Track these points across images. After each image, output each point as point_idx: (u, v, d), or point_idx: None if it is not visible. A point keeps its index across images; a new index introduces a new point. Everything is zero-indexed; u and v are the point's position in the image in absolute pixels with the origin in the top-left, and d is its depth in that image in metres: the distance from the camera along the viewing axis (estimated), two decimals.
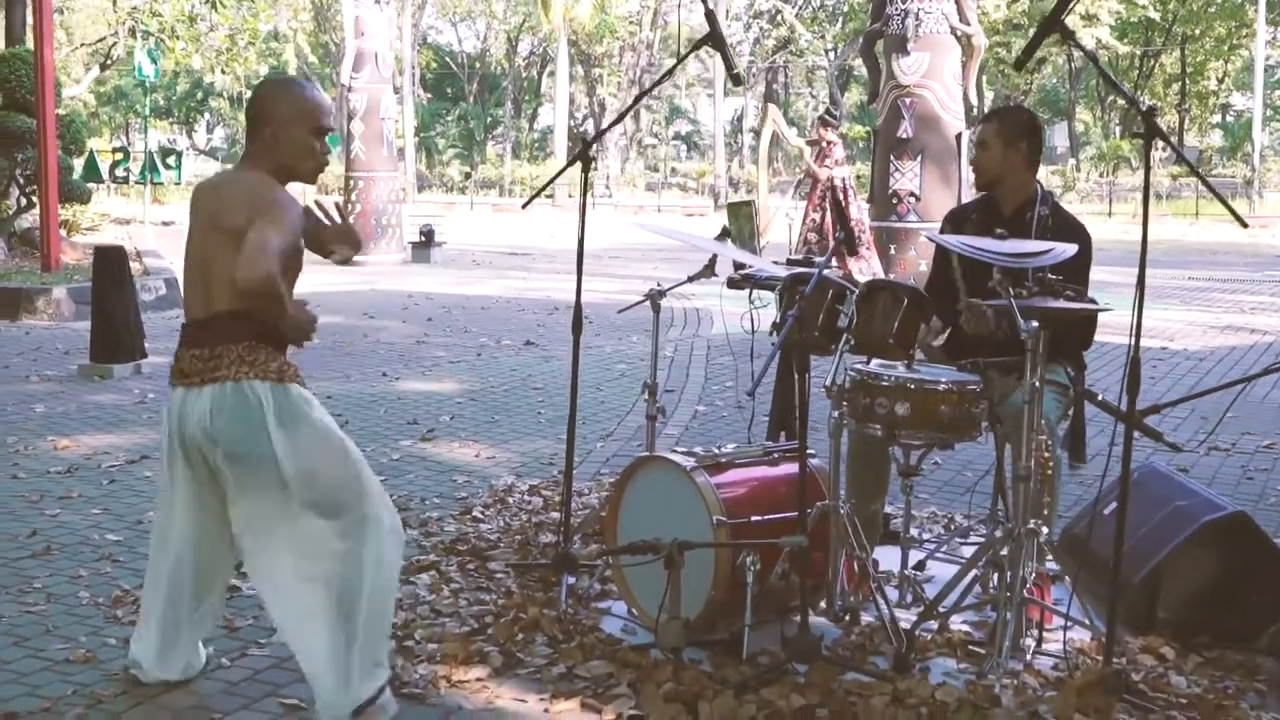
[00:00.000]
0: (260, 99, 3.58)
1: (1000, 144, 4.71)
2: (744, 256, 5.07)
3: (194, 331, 3.50)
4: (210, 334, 3.44)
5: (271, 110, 3.54)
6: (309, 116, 3.58)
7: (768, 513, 4.18)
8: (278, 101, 3.57)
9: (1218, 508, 4.43)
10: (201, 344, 3.45)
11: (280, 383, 3.45)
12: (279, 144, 3.53)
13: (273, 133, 3.53)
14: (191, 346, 3.48)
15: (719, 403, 8.50)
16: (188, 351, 3.48)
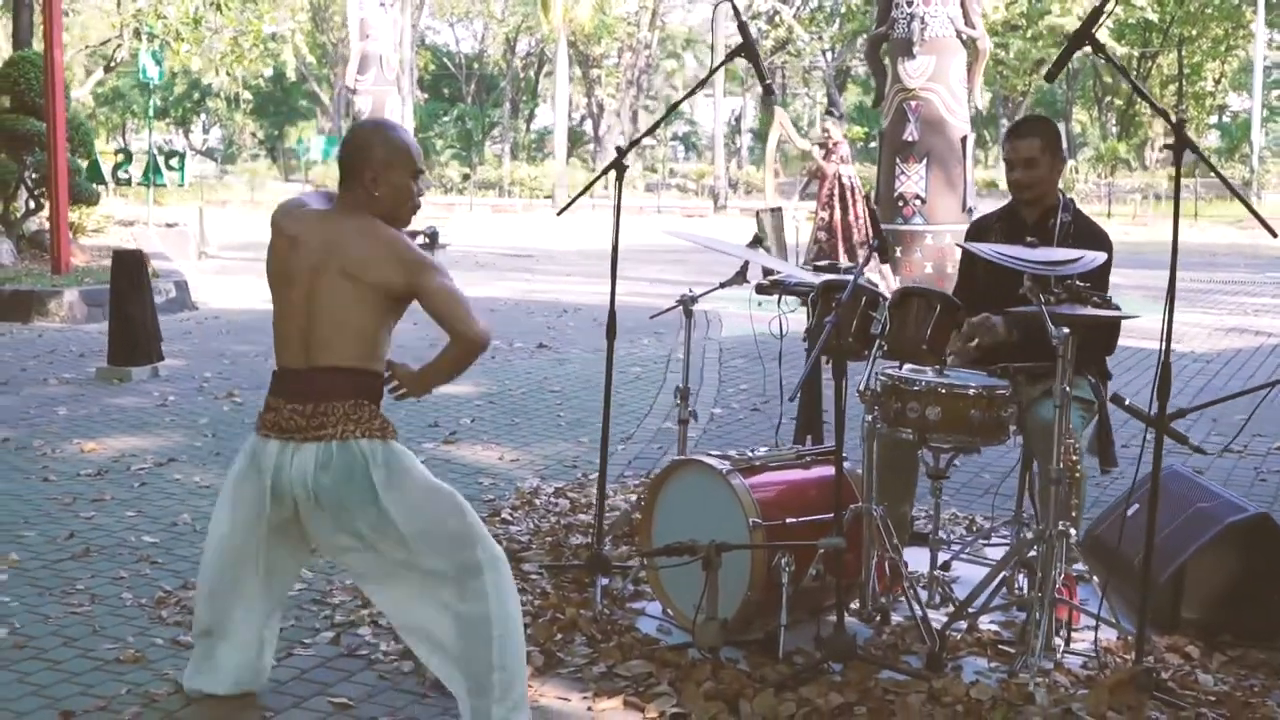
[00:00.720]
0: (357, 144, 3.54)
1: (1048, 159, 4.76)
2: (774, 263, 5.15)
3: (293, 384, 3.45)
4: (314, 389, 3.41)
5: (370, 155, 3.50)
6: (407, 160, 3.53)
7: (801, 515, 4.27)
8: (375, 146, 3.52)
9: (1240, 509, 4.52)
10: (304, 399, 3.40)
11: (384, 440, 3.42)
12: (379, 188, 3.49)
13: (373, 177, 3.47)
14: (292, 400, 3.43)
15: (735, 405, 8.58)
16: (287, 405, 3.43)
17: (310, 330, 3.42)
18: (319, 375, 3.41)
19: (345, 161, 3.53)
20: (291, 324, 3.45)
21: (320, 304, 3.40)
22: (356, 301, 3.37)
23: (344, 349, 3.40)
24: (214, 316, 13.14)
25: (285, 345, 3.48)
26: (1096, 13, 3.79)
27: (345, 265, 3.39)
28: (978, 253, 4.31)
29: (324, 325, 3.40)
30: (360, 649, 4.19)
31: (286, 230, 3.51)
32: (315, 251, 3.43)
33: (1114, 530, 4.80)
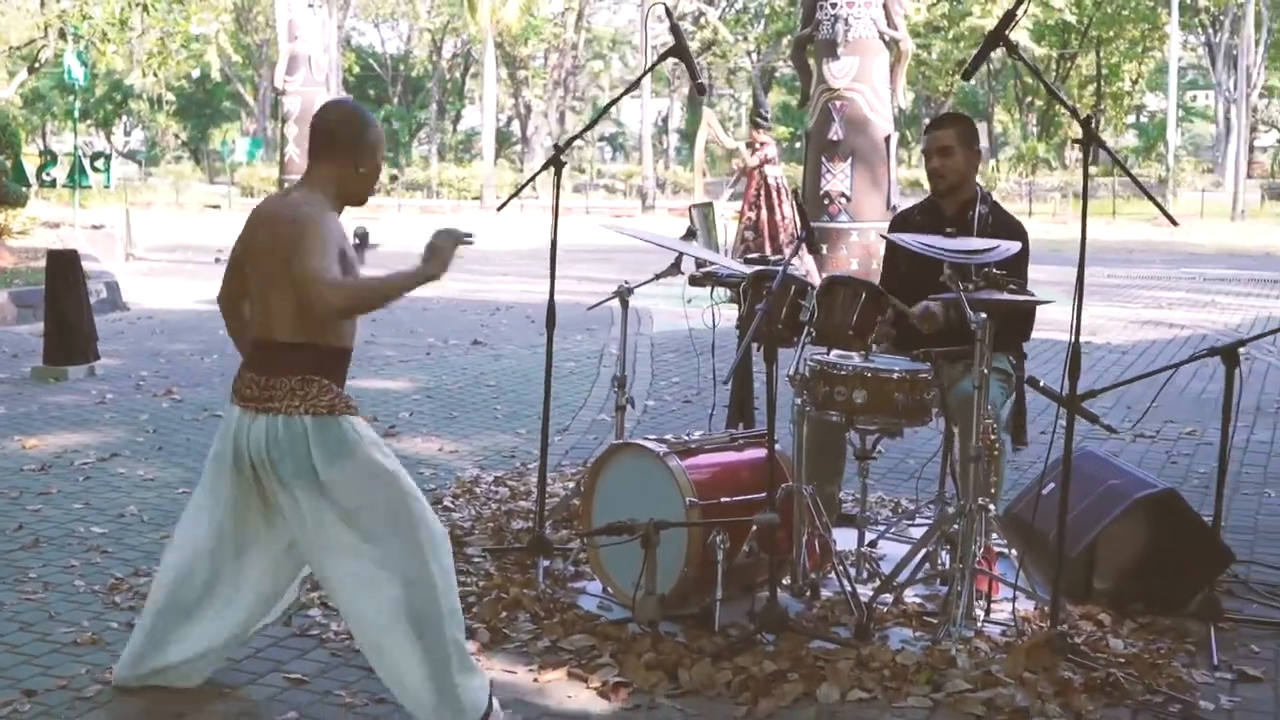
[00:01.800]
0: (344, 120, 3.63)
1: (963, 149, 5.02)
2: (708, 255, 5.36)
3: (254, 353, 3.61)
4: (267, 362, 3.54)
5: (359, 136, 3.61)
6: (383, 145, 3.71)
7: (735, 494, 4.47)
8: (367, 127, 3.65)
9: (1149, 485, 4.78)
10: (260, 369, 3.54)
11: (331, 415, 3.51)
12: (364, 166, 3.62)
13: (359, 156, 3.61)
14: (250, 368, 3.58)
15: (667, 397, 8.79)
16: (246, 372, 3.59)
17: (267, 306, 3.55)
18: (271, 349, 3.54)
19: (321, 139, 3.61)
20: (258, 296, 3.60)
21: (265, 282, 3.55)
22: (283, 278, 3.46)
23: (285, 325, 3.51)
24: (146, 317, 13.15)
25: (256, 317, 3.62)
26: (1009, 15, 4.03)
27: (271, 242, 3.52)
28: (900, 243, 4.54)
29: (271, 303, 3.53)
30: (311, 629, 4.34)
31: (255, 211, 3.69)
32: (261, 232, 3.59)
33: (1030, 508, 5.04)
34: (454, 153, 62.36)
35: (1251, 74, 42.42)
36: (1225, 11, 43.67)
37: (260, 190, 47.27)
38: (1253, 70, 42.61)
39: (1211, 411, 8.33)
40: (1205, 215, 35.91)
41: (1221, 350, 4.40)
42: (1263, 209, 39.30)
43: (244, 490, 3.65)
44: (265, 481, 3.57)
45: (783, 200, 14.76)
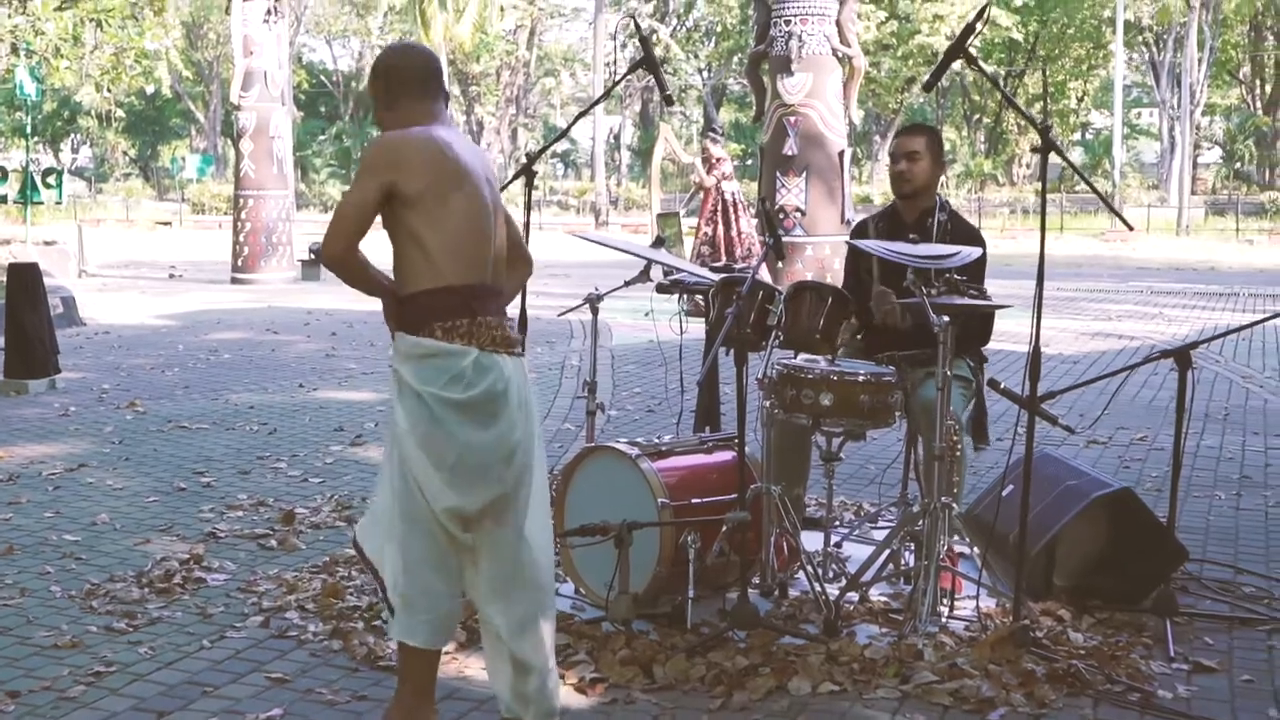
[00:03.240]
0: (433, 59, 3.61)
1: (930, 157, 5.15)
2: (676, 262, 5.47)
3: (493, 300, 3.47)
4: (501, 303, 3.52)
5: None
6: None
7: (706, 495, 4.58)
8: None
9: (1105, 485, 4.91)
10: (501, 314, 3.49)
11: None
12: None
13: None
14: (500, 315, 3.46)
15: (630, 407, 8.89)
16: (502, 320, 3.46)
17: (497, 250, 3.52)
18: (499, 293, 3.52)
19: (436, 78, 3.54)
20: (485, 243, 3.46)
21: (496, 222, 3.53)
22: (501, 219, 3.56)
23: (502, 269, 3.58)
24: (104, 331, 13.11)
25: (483, 263, 3.45)
26: (970, 28, 4.16)
27: (491, 182, 3.55)
28: (865, 249, 4.66)
29: (498, 247, 3.52)
30: (290, 630, 4.40)
31: (451, 156, 3.39)
32: (479, 171, 3.48)
33: (991, 509, 5.17)
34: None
35: (1195, 92, 43.09)
36: (1168, 30, 44.35)
37: (211, 208, 47.03)
38: (1196, 88, 43.29)
39: (1163, 417, 8.54)
40: (1151, 230, 36.41)
41: (1174, 352, 4.54)
42: (1206, 224, 39.87)
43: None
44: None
45: (739, 215, 14.94)
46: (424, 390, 3.33)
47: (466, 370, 3.34)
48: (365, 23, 58.75)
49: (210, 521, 5.79)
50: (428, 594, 3.40)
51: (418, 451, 3.35)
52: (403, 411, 3.37)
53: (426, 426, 3.33)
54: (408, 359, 3.38)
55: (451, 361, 3.33)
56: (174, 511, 5.97)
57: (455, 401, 3.33)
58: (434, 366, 3.34)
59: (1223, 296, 18.45)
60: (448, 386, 3.33)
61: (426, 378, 3.34)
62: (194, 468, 6.85)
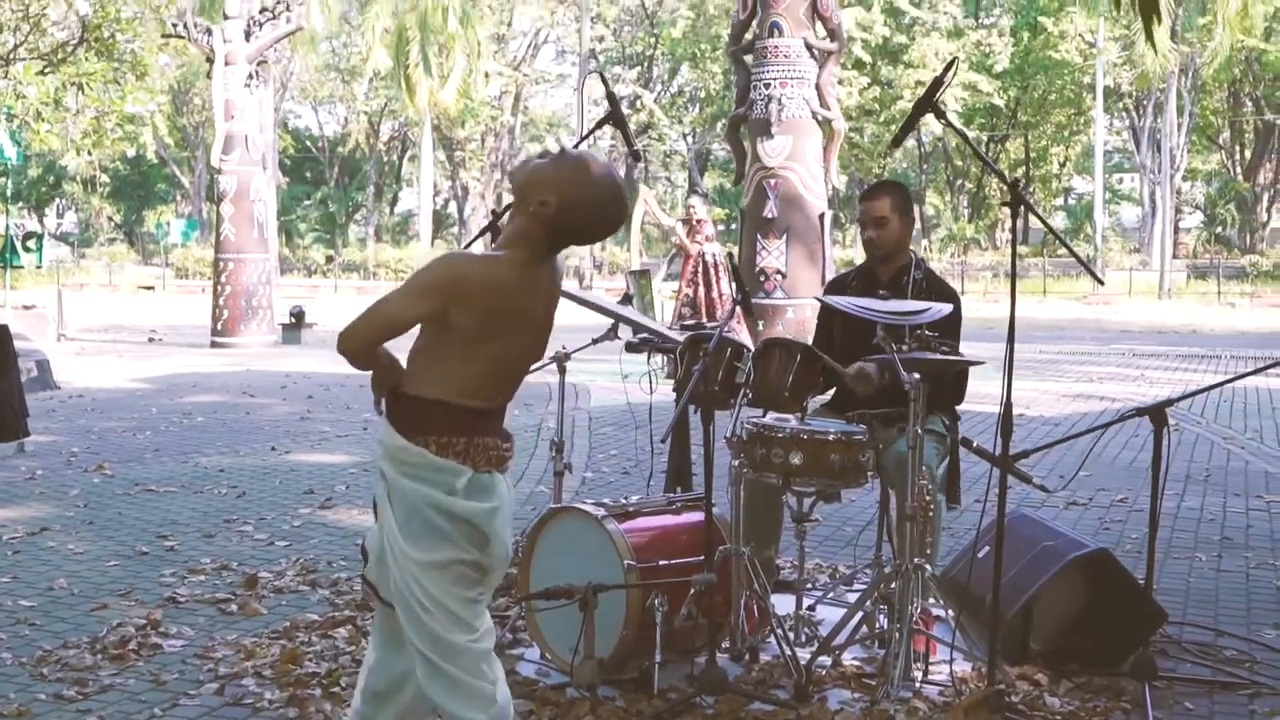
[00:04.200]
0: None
1: (897, 217, 5.11)
2: (644, 320, 5.39)
3: (499, 418, 3.35)
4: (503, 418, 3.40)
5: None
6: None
7: (674, 557, 4.48)
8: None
9: (1082, 546, 4.82)
10: (501, 430, 3.36)
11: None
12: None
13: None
14: (500, 434, 3.33)
15: (605, 469, 8.78)
16: (499, 439, 3.31)
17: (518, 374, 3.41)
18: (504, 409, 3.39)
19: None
20: (511, 363, 3.33)
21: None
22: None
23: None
24: (78, 395, 12.99)
25: (507, 388, 3.35)
26: (938, 81, 4.12)
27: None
28: (835, 305, 4.60)
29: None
30: (245, 698, 4.28)
31: (513, 299, 3.22)
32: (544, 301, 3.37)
33: (966, 571, 5.07)
34: (391, 234, 62.31)
35: (1175, 157, 43.42)
36: (1148, 96, 44.76)
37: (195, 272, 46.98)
38: (1176, 153, 43.62)
39: (1143, 479, 8.46)
40: (1133, 294, 36.55)
41: (1149, 410, 4.47)
42: (1188, 287, 40.05)
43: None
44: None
45: (720, 277, 14.91)
46: (414, 490, 3.17)
47: (459, 489, 3.18)
48: (350, 89, 59.01)
49: (171, 586, 5.66)
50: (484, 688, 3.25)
51: (420, 555, 3.17)
52: (396, 521, 3.18)
53: (422, 530, 3.17)
54: (396, 461, 3.20)
55: (443, 477, 3.18)
56: (134, 576, 5.84)
57: (448, 509, 3.18)
58: (424, 478, 3.17)
59: (1205, 359, 18.44)
60: (438, 492, 3.18)
61: (416, 483, 3.17)
62: (158, 531, 6.72)
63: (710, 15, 50.05)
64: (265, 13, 19.89)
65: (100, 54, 20.24)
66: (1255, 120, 51.67)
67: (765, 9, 15.14)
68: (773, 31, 15.09)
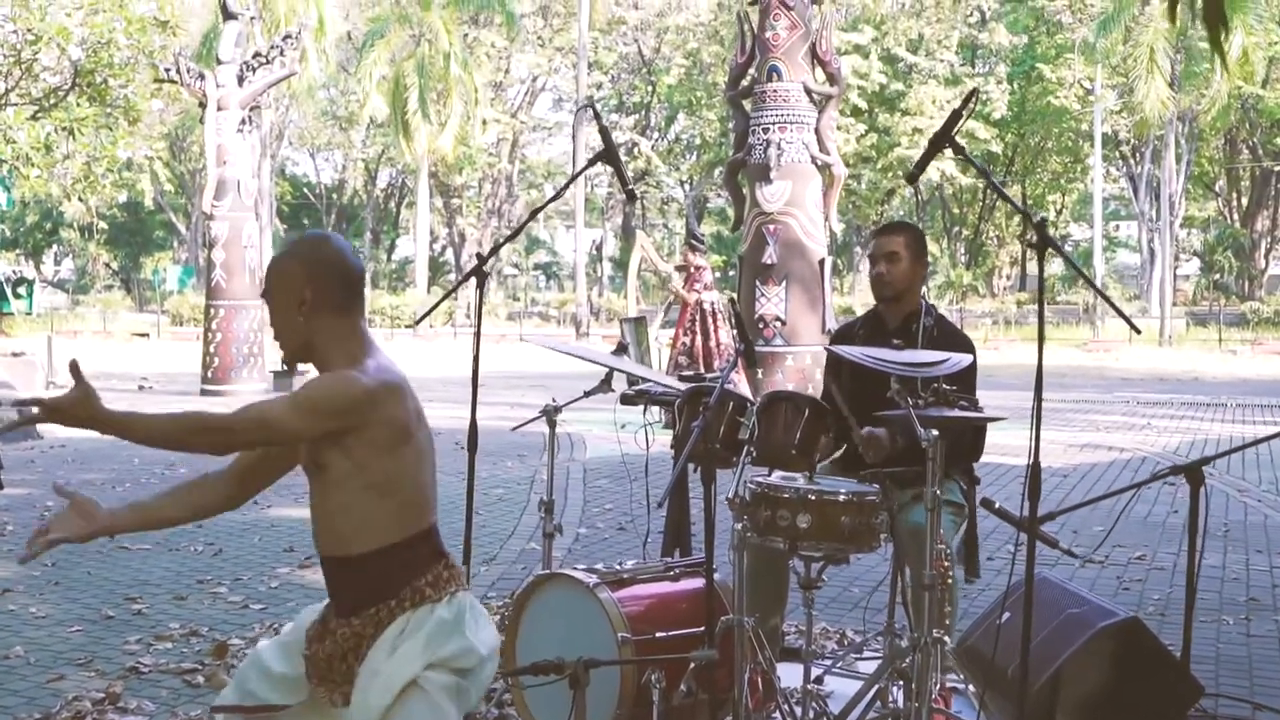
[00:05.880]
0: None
1: (910, 256, 4.79)
2: (640, 370, 5.08)
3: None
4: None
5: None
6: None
7: (671, 629, 4.15)
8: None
9: (1111, 614, 4.49)
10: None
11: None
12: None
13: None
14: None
15: (600, 525, 8.45)
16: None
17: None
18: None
19: (360, 284, 3.11)
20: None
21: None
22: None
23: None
24: (59, 445, 12.65)
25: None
26: (956, 115, 3.82)
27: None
28: (845, 355, 4.27)
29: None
30: None
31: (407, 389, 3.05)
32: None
33: (988, 639, 4.73)
34: (388, 280, 62.14)
35: (1174, 203, 43.30)
36: (1146, 143, 44.68)
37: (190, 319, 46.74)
38: (1175, 199, 43.50)
39: (1160, 535, 8.14)
40: (1133, 341, 36.28)
41: (1185, 468, 4.15)
42: (1188, 335, 39.80)
43: None
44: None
45: (718, 326, 14.63)
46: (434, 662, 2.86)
47: (466, 621, 2.94)
48: (348, 136, 59.04)
49: (135, 654, 5.32)
50: None
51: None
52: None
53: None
54: (399, 645, 2.87)
55: (454, 619, 2.92)
56: (96, 643, 5.50)
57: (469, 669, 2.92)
58: (432, 636, 2.88)
59: (1210, 407, 18.14)
60: (459, 655, 2.90)
61: (422, 652, 2.86)
62: (127, 593, 6.38)
63: (705, 63, 50.11)
64: (259, 58, 19.68)
65: (92, 99, 20.05)
66: (1252, 167, 51.61)
67: (764, 53, 14.93)
68: (771, 75, 14.87)
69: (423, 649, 2.86)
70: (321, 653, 2.94)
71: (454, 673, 2.88)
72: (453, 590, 2.96)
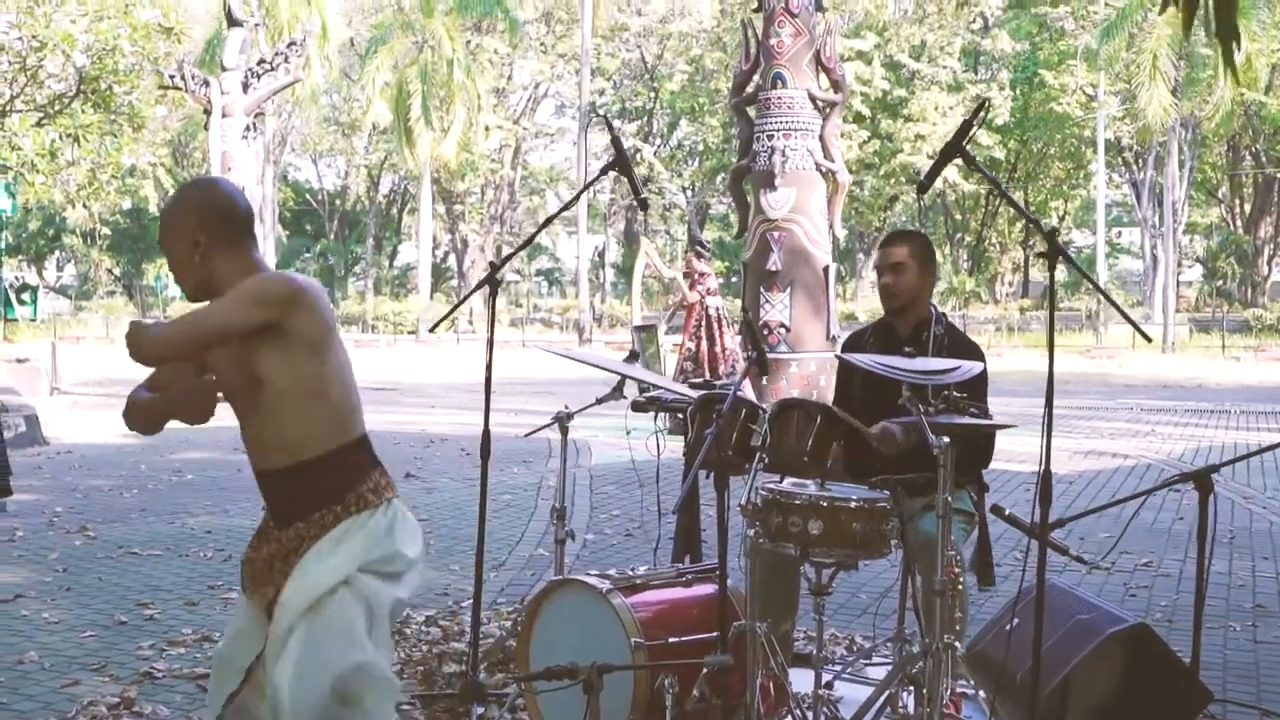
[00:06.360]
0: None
1: (916, 265, 4.80)
2: (652, 378, 5.11)
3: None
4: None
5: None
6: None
7: (684, 634, 4.17)
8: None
9: (1119, 620, 4.51)
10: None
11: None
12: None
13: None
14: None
15: (608, 531, 8.47)
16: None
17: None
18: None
19: (249, 219, 3.30)
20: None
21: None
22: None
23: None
24: (66, 451, 12.68)
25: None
26: (967, 125, 3.86)
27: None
28: (857, 363, 4.30)
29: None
30: None
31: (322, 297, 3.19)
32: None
33: (997, 645, 4.76)
34: (390, 287, 62.21)
35: (1177, 209, 43.32)
36: (1149, 149, 44.70)
37: None
38: (1178, 206, 43.53)
39: (1165, 542, 8.17)
40: (1136, 347, 36.30)
41: (1194, 476, 4.17)
42: (1191, 341, 39.81)
43: None
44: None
45: (723, 331, 14.66)
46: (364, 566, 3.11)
47: (397, 528, 3.17)
48: (350, 142, 59.09)
49: (149, 659, 5.34)
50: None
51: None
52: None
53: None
54: (339, 545, 3.09)
55: (380, 523, 3.15)
56: (110, 648, 5.52)
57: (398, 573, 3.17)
58: (368, 541, 3.13)
59: (1214, 414, 18.16)
60: (389, 559, 3.15)
61: (360, 554, 3.11)
62: (139, 598, 6.40)
63: (708, 69, 50.15)
64: (263, 65, 19.75)
65: (97, 106, 20.09)
66: (1255, 174, 51.64)
67: (768, 60, 14.96)
68: (776, 83, 14.90)
69: (361, 552, 3.08)
70: (263, 554, 3.17)
71: (382, 577, 3.11)
72: (389, 498, 3.19)
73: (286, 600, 3.05)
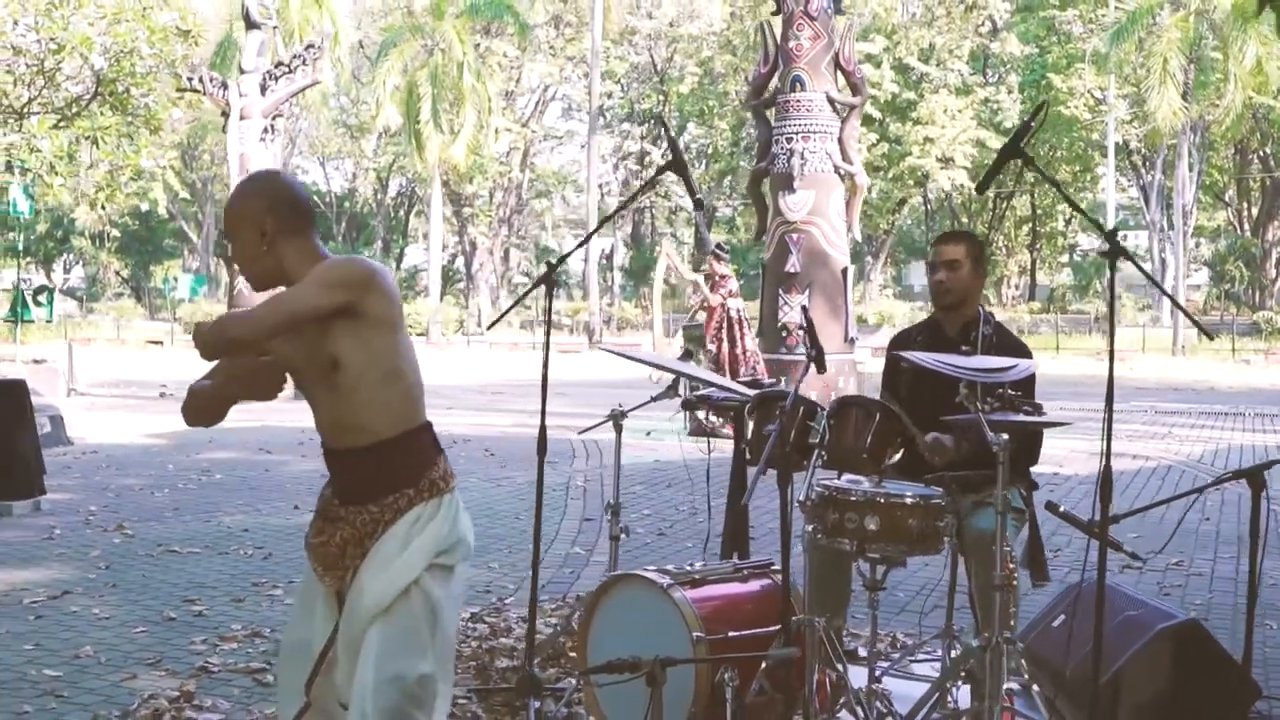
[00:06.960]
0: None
1: (970, 264, 4.85)
2: (713, 378, 5.17)
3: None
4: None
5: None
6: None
7: (743, 628, 4.23)
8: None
9: (1170, 616, 4.58)
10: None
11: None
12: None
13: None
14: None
15: (640, 530, 8.52)
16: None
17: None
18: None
19: (309, 209, 3.37)
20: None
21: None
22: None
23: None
24: (91, 450, 12.75)
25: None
26: (1025, 127, 3.92)
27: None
28: (916, 361, 4.35)
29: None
30: None
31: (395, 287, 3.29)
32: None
33: (1042, 641, 4.83)
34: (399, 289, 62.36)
35: (1186, 213, 43.35)
36: (1157, 152, 44.75)
37: None
38: (1187, 209, 43.56)
39: (1194, 541, 8.21)
40: (1146, 350, 36.35)
41: (1247, 473, 4.23)
42: (1200, 344, 39.83)
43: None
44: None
45: (744, 333, 14.71)
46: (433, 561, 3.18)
47: (460, 515, 3.27)
48: (359, 145, 59.21)
49: (202, 654, 5.40)
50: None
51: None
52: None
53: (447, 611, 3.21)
54: (413, 538, 3.16)
55: (449, 512, 3.23)
56: (163, 643, 5.59)
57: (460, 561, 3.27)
58: (438, 532, 3.20)
59: (1229, 416, 18.21)
60: (454, 548, 3.23)
61: (430, 549, 3.18)
62: (185, 595, 6.47)
63: (718, 72, 50.23)
64: (281, 67, 19.81)
65: (114, 108, 20.16)
66: (1263, 177, 51.66)
67: (787, 62, 15.04)
68: (794, 85, 14.99)
69: (431, 547, 3.15)
70: (337, 539, 3.18)
71: (445, 571, 3.18)
72: (452, 487, 3.26)
73: (364, 593, 3.09)
